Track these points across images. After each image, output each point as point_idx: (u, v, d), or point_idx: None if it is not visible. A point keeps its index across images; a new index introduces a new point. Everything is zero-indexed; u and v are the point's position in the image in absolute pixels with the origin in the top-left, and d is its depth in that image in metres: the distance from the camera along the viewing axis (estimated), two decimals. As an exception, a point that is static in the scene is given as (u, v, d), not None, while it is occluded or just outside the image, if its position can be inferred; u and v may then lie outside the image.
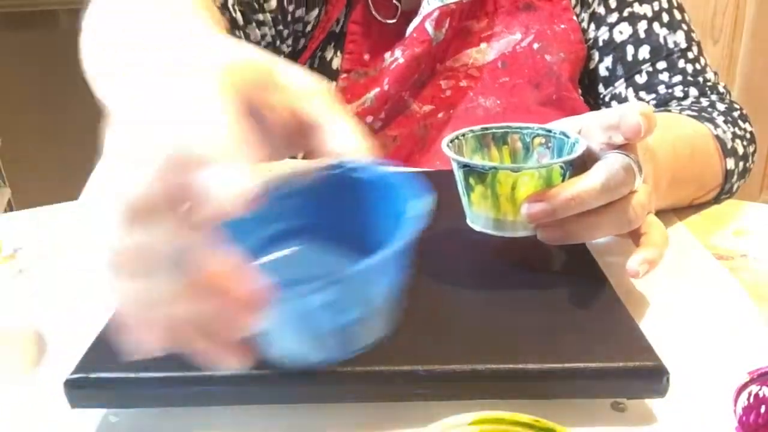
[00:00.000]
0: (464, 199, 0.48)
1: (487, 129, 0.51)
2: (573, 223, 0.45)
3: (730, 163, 0.64)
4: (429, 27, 0.72)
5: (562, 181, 0.45)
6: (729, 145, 0.65)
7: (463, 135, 0.50)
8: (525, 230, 0.46)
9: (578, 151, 0.45)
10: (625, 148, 0.45)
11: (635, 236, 0.47)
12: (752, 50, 1.75)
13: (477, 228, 0.48)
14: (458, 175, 0.47)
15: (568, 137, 0.48)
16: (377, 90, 0.73)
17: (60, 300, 0.51)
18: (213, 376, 0.37)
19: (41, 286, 0.53)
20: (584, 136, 0.47)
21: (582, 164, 0.46)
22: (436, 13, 0.72)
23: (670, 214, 0.62)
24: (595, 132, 0.47)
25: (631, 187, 0.44)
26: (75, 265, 0.56)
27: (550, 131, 0.49)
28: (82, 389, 0.37)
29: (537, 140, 0.50)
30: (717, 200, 0.66)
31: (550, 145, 0.50)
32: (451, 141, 0.49)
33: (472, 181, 0.46)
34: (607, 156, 0.45)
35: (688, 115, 0.68)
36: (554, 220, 0.44)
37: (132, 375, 0.37)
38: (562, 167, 0.45)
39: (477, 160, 0.50)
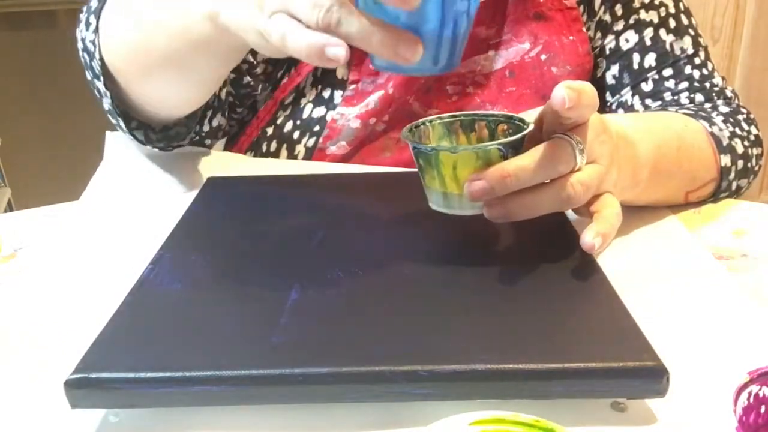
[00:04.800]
0: (421, 180, 0.51)
1: (455, 116, 0.55)
2: (514, 201, 0.48)
3: (725, 160, 0.64)
4: None
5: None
6: (725, 143, 0.65)
7: (430, 121, 0.54)
8: (472, 209, 0.49)
9: (517, 135, 0.48)
10: (575, 130, 0.48)
11: (588, 215, 0.50)
12: (752, 50, 1.75)
13: (433, 207, 0.51)
14: (413, 157, 0.50)
15: (524, 124, 0.51)
16: (381, 93, 0.73)
17: (60, 300, 0.51)
18: (213, 376, 0.37)
19: (41, 286, 0.53)
20: (544, 119, 0.51)
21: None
22: None
23: (667, 211, 0.62)
24: (550, 114, 0.49)
25: (568, 167, 0.48)
26: (75, 265, 0.56)
27: (511, 118, 0.52)
28: (82, 389, 0.37)
29: (500, 127, 0.53)
30: (715, 199, 0.66)
31: (511, 131, 0.52)
32: (416, 126, 0.53)
33: (422, 162, 0.49)
34: (552, 138, 0.48)
35: (684, 113, 0.68)
36: (496, 198, 0.47)
37: (132, 375, 0.37)
38: (500, 149, 0.47)
39: (434, 144, 0.54)
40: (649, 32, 0.74)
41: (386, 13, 0.42)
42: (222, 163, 0.75)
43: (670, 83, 0.73)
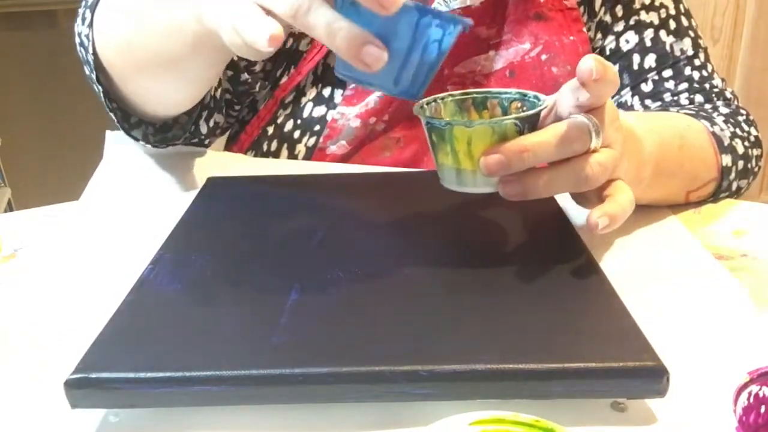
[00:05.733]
0: (433, 157, 0.50)
1: (467, 93, 0.54)
2: (531, 178, 0.47)
3: (726, 160, 0.64)
4: None
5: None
6: (726, 143, 0.65)
7: (442, 98, 0.53)
8: (486, 186, 0.48)
9: (534, 110, 0.48)
10: (591, 113, 0.48)
11: (600, 198, 0.49)
12: (752, 50, 1.75)
13: (445, 185, 0.50)
14: (425, 133, 0.49)
15: (539, 100, 0.50)
16: (381, 92, 0.73)
17: (60, 300, 0.51)
18: (213, 376, 0.37)
19: (41, 286, 0.53)
20: (559, 102, 0.49)
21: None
22: None
23: (667, 211, 0.62)
24: (567, 96, 0.49)
25: (585, 145, 0.47)
26: (75, 265, 0.56)
27: (525, 95, 0.52)
28: (82, 389, 0.37)
29: (514, 104, 0.52)
30: (716, 199, 0.66)
31: (525, 108, 0.51)
32: (427, 103, 0.52)
33: (434, 137, 0.48)
34: (570, 117, 0.48)
35: (686, 113, 0.68)
36: (512, 174, 0.47)
37: (132, 375, 0.37)
38: (516, 124, 0.47)
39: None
40: (649, 33, 0.74)
41: (360, 19, 0.41)
42: (222, 163, 0.75)
43: (670, 84, 0.74)
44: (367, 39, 0.41)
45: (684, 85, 0.73)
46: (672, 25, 0.75)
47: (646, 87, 0.74)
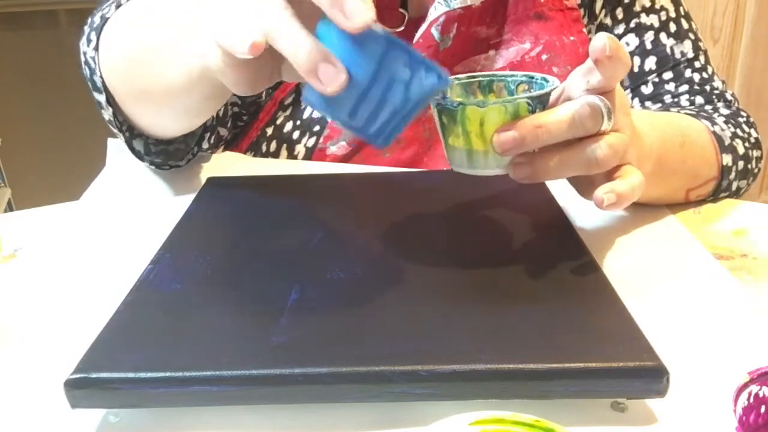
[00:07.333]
0: (442, 140, 0.49)
1: (473, 77, 0.53)
2: (542, 159, 0.47)
3: (727, 159, 0.64)
4: (435, 32, 0.72)
5: None
6: (727, 142, 0.65)
7: None
8: (498, 167, 0.48)
9: (545, 90, 0.47)
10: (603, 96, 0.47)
11: (610, 180, 0.49)
12: (752, 50, 1.74)
13: (455, 168, 0.50)
14: (435, 115, 0.49)
15: (547, 82, 0.50)
16: None
17: (60, 300, 0.51)
18: (213, 376, 0.37)
19: (41, 286, 0.53)
20: (569, 87, 0.49)
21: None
22: (442, 18, 0.72)
23: (667, 211, 0.62)
24: (577, 79, 0.49)
25: (597, 125, 0.46)
26: (75, 265, 0.56)
27: (532, 77, 0.51)
28: (82, 389, 0.37)
29: (521, 87, 0.52)
30: (715, 198, 0.66)
31: (532, 90, 0.51)
32: None
33: (445, 119, 0.48)
34: (582, 97, 0.47)
35: (686, 114, 0.68)
36: (524, 153, 0.47)
37: (132, 375, 0.37)
38: (528, 103, 0.46)
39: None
40: (649, 36, 0.74)
41: (332, 43, 0.40)
42: (222, 163, 0.75)
43: (670, 86, 0.74)
44: (326, 57, 0.39)
45: (684, 87, 0.73)
46: (672, 27, 0.75)
47: (647, 89, 0.74)
